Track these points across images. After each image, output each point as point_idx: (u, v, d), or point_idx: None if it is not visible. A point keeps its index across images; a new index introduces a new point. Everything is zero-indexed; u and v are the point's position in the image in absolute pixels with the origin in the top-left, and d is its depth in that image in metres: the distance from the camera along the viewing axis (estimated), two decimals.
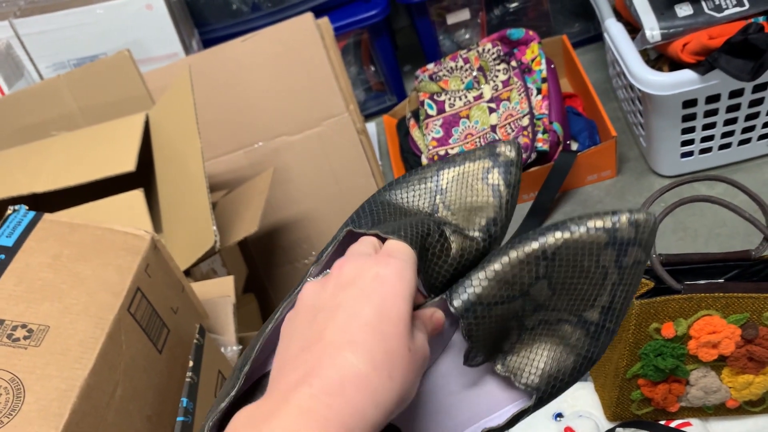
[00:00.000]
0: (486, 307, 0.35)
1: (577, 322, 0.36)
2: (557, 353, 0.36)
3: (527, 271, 0.35)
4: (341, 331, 0.30)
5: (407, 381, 0.31)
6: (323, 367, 0.29)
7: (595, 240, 0.34)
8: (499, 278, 0.35)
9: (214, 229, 0.71)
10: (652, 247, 0.36)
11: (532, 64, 1.17)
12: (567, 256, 0.35)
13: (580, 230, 0.34)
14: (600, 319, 0.36)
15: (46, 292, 0.50)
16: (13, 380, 0.44)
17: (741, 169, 1.12)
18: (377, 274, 0.32)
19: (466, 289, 0.35)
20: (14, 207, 0.56)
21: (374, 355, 0.30)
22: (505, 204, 0.39)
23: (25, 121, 0.93)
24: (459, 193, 0.40)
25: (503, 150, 0.40)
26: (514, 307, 0.36)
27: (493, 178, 0.39)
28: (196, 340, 0.59)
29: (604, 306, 0.36)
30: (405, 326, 0.31)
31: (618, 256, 0.35)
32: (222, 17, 1.28)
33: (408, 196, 0.40)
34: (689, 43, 0.95)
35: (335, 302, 0.32)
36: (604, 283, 0.35)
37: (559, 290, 0.36)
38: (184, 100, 0.80)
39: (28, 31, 1.13)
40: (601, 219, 0.35)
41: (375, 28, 1.33)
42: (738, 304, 0.64)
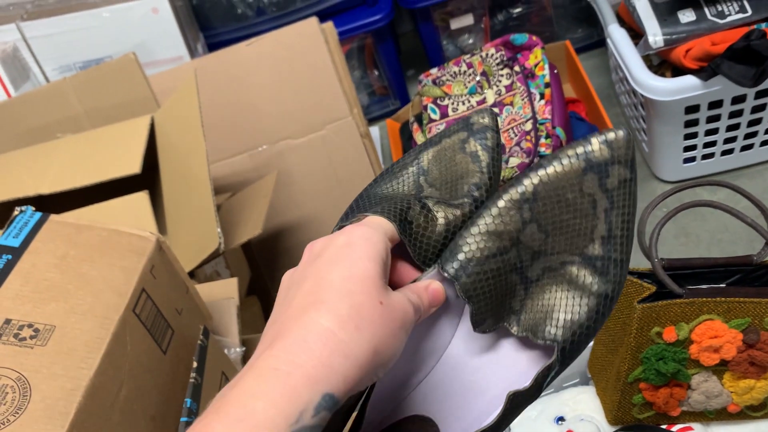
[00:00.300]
0: (477, 263, 0.34)
1: (581, 261, 0.34)
2: (570, 298, 0.34)
3: (511, 217, 0.34)
4: (307, 295, 0.30)
5: (379, 332, 0.30)
6: (287, 330, 0.29)
7: (572, 169, 0.33)
8: (484, 231, 0.34)
9: (218, 231, 0.71)
10: (634, 160, 0.34)
11: (535, 69, 1.18)
12: (548, 193, 0.34)
13: (554, 164, 0.34)
14: (604, 251, 0.34)
15: (53, 293, 0.50)
16: (19, 379, 0.45)
17: (743, 175, 1.12)
18: (344, 242, 0.32)
19: (453, 250, 0.34)
20: (21, 208, 0.56)
21: (339, 310, 0.29)
22: (485, 167, 0.38)
23: (31, 123, 0.94)
24: (440, 169, 0.39)
25: (476, 119, 0.39)
26: (510, 258, 0.34)
27: (470, 146, 0.39)
28: (200, 341, 0.59)
29: (603, 236, 0.34)
30: (372, 283, 0.30)
31: (600, 178, 0.33)
32: (227, 21, 1.29)
33: (393, 183, 0.40)
34: (692, 49, 0.96)
35: (304, 275, 0.32)
36: (595, 212, 0.34)
37: (551, 231, 0.34)
38: (190, 103, 0.80)
39: (35, 34, 1.14)
40: (572, 148, 0.34)
41: (379, 33, 1.34)
42: (739, 308, 0.64)
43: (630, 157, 0.34)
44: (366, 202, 0.39)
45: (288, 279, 0.34)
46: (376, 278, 0.31)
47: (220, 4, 1.26)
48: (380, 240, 0.33)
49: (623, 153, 0.34)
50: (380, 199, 0.38)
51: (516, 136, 1.13)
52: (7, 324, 0.47)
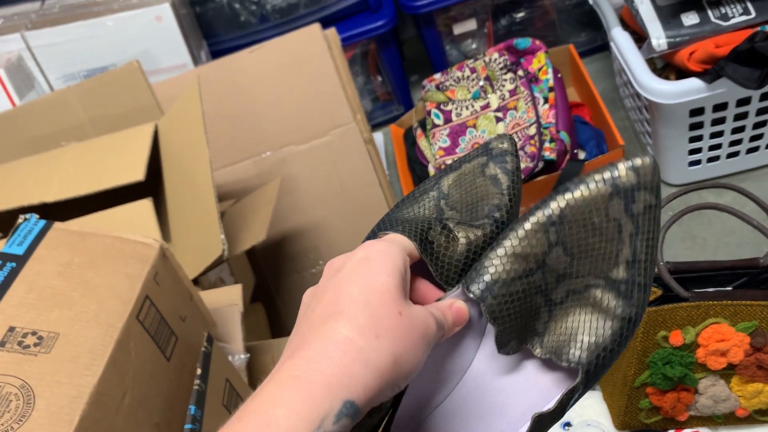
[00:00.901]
0: (503, 286, 0.34)
1: (606, 285, 0.35)
2: (593, 321, 0.35)
3: (537, 240, 0.34)
4: (327, 307, 0.31)
5: (400, 341, 0.30)
6: (309, 340, 0.29)
7: (599, 194, 0.34)
8: (510, 253, 0.34)
9: (222, 238, 0.71)
10: (659, 188, 0.35)
11: (538, 74, 1.18)
12: (575, 217, 0.34)
13: (581, 188, 0.34)
14: (628, 276, 0.35)
15: (57, 300, 0.50)
16: (23, 387, 0.45)
17: (749, 178, 1.11)
18: (363, 256, 0.33)
19: (479, 271, 0.35)
20: (25, 216, 0.56)
21: (358, 319, 0.30)
22: (506, 189, 0.38)
23: (36, 131, 0.94)
24: (460, 193, 0.40)
25: (496, 144, 0.40)
26: (535, 280, 0.35)
27: (490, 170, 0.39)
28: (204, 348, 0.59)
29: (628, 260, 0.35)
30: (391, 296, 0.31)
31: (626, 204, 0.34)
32: (230, 29, 1.29)
33: (414, 208, 0.41)
34: (696, 51, 0.95)
35: (324, 289, 0.32)
36: (621, 237, 0.34)
37: (577, 254, 0.35)
38: (193, 110, 0.81)
39: (39, 43, 1.14)
40: (600, 173, 0.34)
41: (382, 39, 1.34)
42: (746, 311, 0.63)
43: (656, 184, 0.35)
44: (387, 224, 0.39)
45: (309, 295, 0.34)
46: (394, 291, 0.31)
47: (223, 11, 1.27)
48: (398, 255, 0.33)
49: (649, 179, 0.34)
50: (401, 221, 0.39)
51: (520, 140, 1.13)
52: (11, 332, 0.47)
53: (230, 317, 0.70)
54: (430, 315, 0.33)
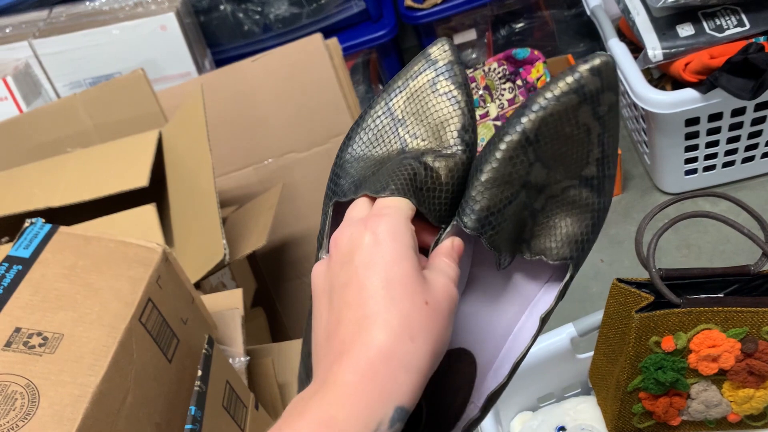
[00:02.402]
0: (498, 214, 0.35)
1: (580, 183, 0.36)
2: (574, 218, 0.37)
3: (519, 163, 0.35)
4: (354, 309, 0.31)
5: (432, 335, 0.31)
6: (349, 348, 0.30)
7: (568, 104, 0.34)
8: (497, 182, 0.35)
9: (224, 243, 0.72)
10: (618, 82, 0.35)
11: (537, 83, 1.19)
12: (549, 132, 0.34)
13: (551, 102, 0.34)
14: (598, 171, 0.36)
15: (61, 302, 0.52)
16: (28, 386, 0.46)
17: (745, 187, 1.12)
18: (372, 241, 0.32)
19: (472, 206, 0.35)
20: (31, 220, 0.58)
21: (390, 323, 0.30)
22: (465, 106, 0.38)
23: (42, 137, 0.96)
24: (417, 117, 0.39)
25: (437, 54, 0.39)
26: (521, 199, 0.36)
27: (441, 86, 0.38)
28: (205, 350, 0.60)
29: (598, 158, 0.36)
30: (413, 283, 0.31)
31: (593, 108, 0.35)
32: (234, 38, 1.31)
33: (371, 141, 0.39)
34: (691, 62, 0.97)
35: (341, 281, 0.32)
36: (590, 139, 0.35)
37: (552, 165, 0.36)
38: (197, 118, 0.82)
39: (47, 51, 1.16)
40: (564, 81, 0.34)
41: (383, 48, 1.36)
42: (737, 318, 0.64)
43: (615, 81, 0.35)
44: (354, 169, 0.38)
45: (323, 278, 0.35)
46: (414, 275, 0.32)
47: (227, 21, 1.29)
48: (406, 230, 0.33)
49: (610, 79, 0.35)
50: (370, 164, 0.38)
51: None
52: (17, 332, 0.49)
53: (231, 320, 0.71)
54: (449, 280, 0.33)
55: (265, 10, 1.28)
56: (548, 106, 0.34)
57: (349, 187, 0.38)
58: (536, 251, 0.37)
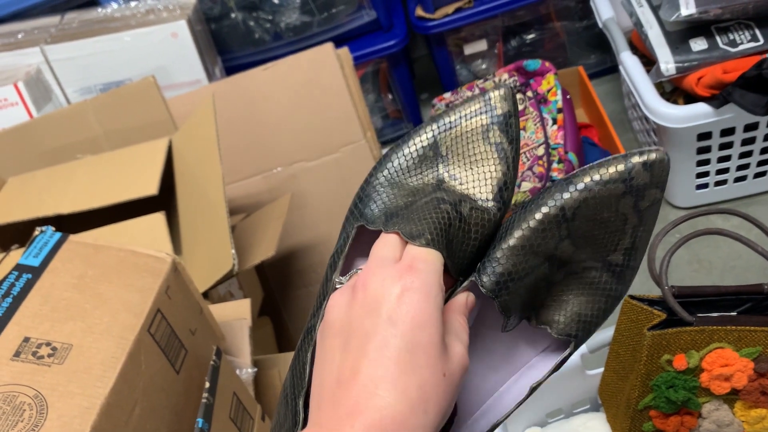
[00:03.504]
0: (517, 281, 0.34)
1: (603, 267, 0.36)
2: (587, 298, 0.36)
3: (550, 236, 0.34)
4: (374, 366, 0.30)
5: (443, 408, 0.31)
6: (362, 408, 0.30)
7: (613, 192, 0.34)
8: (524, 251, 0.34)
9: (232, 252, 0.72)
10: (666, 182, 0.35)
11: (547, 95, 1.19)
12: (587, 213, 0.34)
13: (597, 186, 0.34)
14: (624, 260, 0.36)
15: (71, 312, 0.51)
16: (36, 397, 0.46)
17: (757, 202, 1.12)
18: (402, 294, 0.31)
19: (494, 268, 0.34)
20: (41, 228, 0.58)
21: (408, 392, 0.30)
22: (511, 163, 0.37)
23: (52, 143, 0.96)
24: (462, 159, 0.38)
25: (498, 101, 0.37)
26: (542, 270, 0.35)
27: (494, 136, 0.37)
28: (213, 361, 0.60)
29: (627, 248, 0.36)
30: (436, 351, 0.31)
31: (636, 201, 0.34)
32: (244, 46, 1.31)
33: (408, 169, 0.38)
34: (704, 76, 0.96)
35: (363, 328, 0.32)
36: (624, 228, 0.35)
37: (581, 244, 0.35)
38: (207, 126, 0.82)
39: (58, 57, 1.17)
40: (615, 168, 0.34)
41: (393, 58, 1.36)
42: (750, 337, 0.64)
43: (665, 179, 0.35)
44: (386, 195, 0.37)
45: (341, 315, 0.33)
46: (438, 343, 0.31)
47: (238, 29, 1.29)
48: (438, 292, 0.32)
49: (660, 178, 0.35)
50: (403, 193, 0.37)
51: (528, 160, 1.14)
52: (26, 342, 0.49)
53: (238, 331, 0.71)
54: (464, 348, 0.33)
55: (276, 18, 1.28)
56: (593, 188, 0.34)
57: (378, 216, 0.37)
58: (542, 321, 0.36)
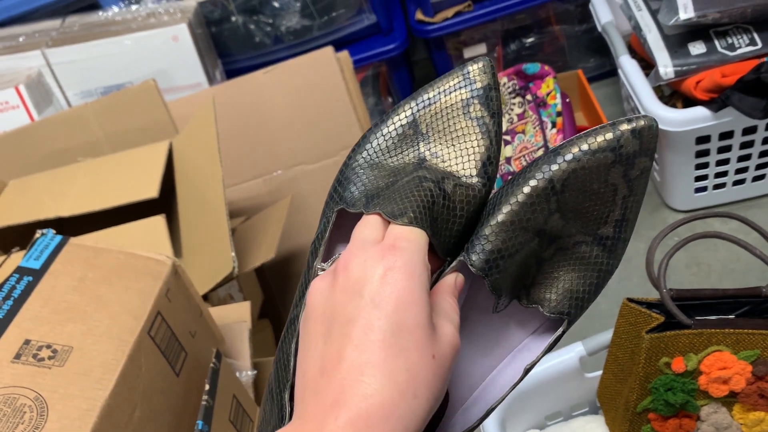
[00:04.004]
0: (507, 258, 0.33)
1: (593, 241, 0.35)
2: (579, 274, 0.35)
3: (539, 210, 0.33)
4: (358, 351, 0.29)
5: (434, 391, 0.30)
6: (347, 396, 0.28)
7: (602, 162, 0.33)
8: (513, 226, 0.33)
9: (232, 255, 0.72)
10: (655, 149, 0.34)
11: (547, 98, 1.19)
12: (576, 185, 0.33)
13: (585, 156, 0.33)
14: (614, 233, 0.35)
15: (71, 314, 0.52)
16: (37, 399, 0.46)
17: (756, 205, 1.12)
18: (385, 274, 0.30)
19: (483, 246, 0.33)
20: (42, 231, 0.58)
21: (395, 375, 0.29)
22: (494, 137, 0.36)
23: (53, 146, 0.96)
24: (443, 136, 0.36)
25: (477, 73, 0.36)
26: (532, 246, 0.34)
27: (475, 110, 0.36)
28: (213, 364, 0.60)
29: (617, 219, 0.35)
30: (423, 332, 0.30)
31: (626, 170, 0.34)
32: (245, 49, 1.31)
33: (388, 149, 0.37)
34: (702, 80, 0.97)
35: (346, 313, 0.30)
36: (614, 199, 0.34)
37: (571, 218, 0.34)
38: (207, 129, 0.82)
39: (59, 60, 1.17)
40: (603, 137, 0.33)
41: (393, 61, 1.36)
42: (748, 340, 0.64)
43: (654, 146, 0.34)
44: (366, 176, 0.36)
45: (323, 300, 0.32)
46: (425, 324, 0.30)
47: (239, 32, 1.29)
48: (423, 270, 0.31)
49: (649, 145, 0.34)
50: (384, 173, 0.36)
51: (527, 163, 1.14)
52: (26, 344, 0.49)
53: (238, 334, 0.71)
54: (454, 329, 0.31)
55: (276, 22, 1.28)
56: (582, 158, 0.33)
57: (359, 197, 0.35)
58: (534, 300, 0.35)
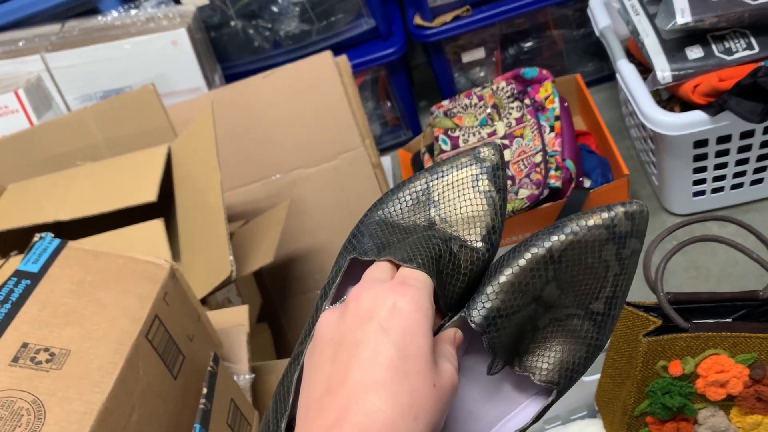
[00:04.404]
0: (505, 318, 0.36)
1: (585, 315, 0.38)
2: (570, 346, 0.38)
3: (538, 276, 0.36)
4: (365, 371, 0.30)
5: (433, 419, 0.31)
6: (351, 412, 0.29)
7: (597, 238, 0.36)
8: (513, 288, 0.36)
9: (231, 259, 0.73)
10: (645, 233, 0.38)
11: (545, 102, 1.19)
12: (572, 257, 0.36)
13: (582, 231, 0.36)
14: (605, 309, 0.38)
15: (69, 318, 0.52)
16: (34, 402, 0.46)
17: (754, 209, 1.12)
18: (394, 306, 0.32)
19: (484, 303, 0.36)
20: (41, 234, 0.58)
21: (399, 397, 0.30)
22: (499, 209, 0.40)
23: (52, 150, 0.97)
24: (453, 204, 0.41)
25: (487, 154, 0.41)
26: (529, 312, 0.37)
27: (483, 184, 0.40)
28: (210, 367, 0.60)
29: (608, 296, 0.38)
30: (426, 361, 0.31)
31: (618, 249, 0.37)
32: (244, 54, 1.32)
33: (402, 211, 0.41)
34: (700, 84, 0.97)
35: (355, 338, 0.32)
36: (606, 276, 0.37)
37: (566, 289, 0.37)
38: (206, 133, 0.83)
39: (58, 65, 1.17)
40: (599, 216, 0.36)
41: (392, 66, 1.37)
42: (745, 343, 0.64)
43: (644, 230, 0.38)
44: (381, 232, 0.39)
45: (332, 328, 0.34)
46: (429, 355, 0.32)
47: (238, 37, 1.30)
48: (429, 306, 0.33)
49: (641, 228, 0.37)
50: (396, 231, 0.40)
51: (526, 167, 1.14)
52: (24, 348, 0.49)
53: (236, 337, 0.71)
54: (453, 369, 0.33)
55: (275, 26, 1.29)
56: (579, 232, 0.36)
57: (371, 248, 0.38)
58: (526, 368, 0.38)
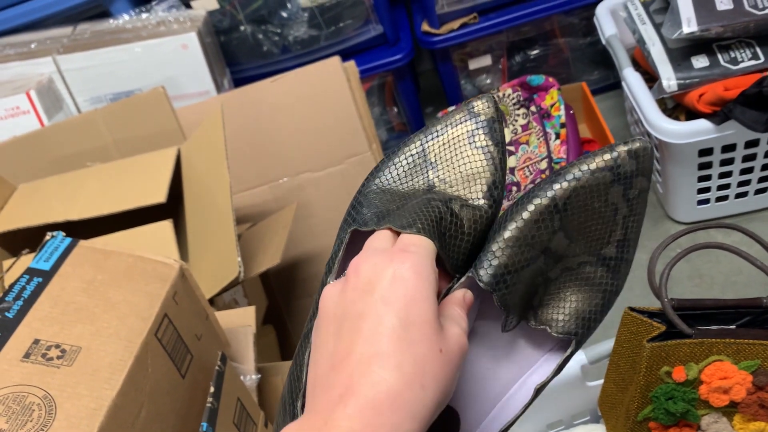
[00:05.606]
0: (514, 274, 0.35)
1: (597, 261, 0.37)
2: (585, 294, 0.37)
3: (544, 227, 0.35)
4: (368, 344, 0.30)
5: (441, 385, 0.30)
6: (356, 386, 0.29)
7: (602, 181, 0.35)
8: (519, 242, 0.35)
9: (238, 260, 0.73)
10: (651, 170, 0.36)
11: (551, 110, 1.20)
12: (578, 203, 0.35)
13: (585, 175, 0.35)
14: (617, 253, 0.37)
15: (80, 315, 0.52)
16: (45, 397, 0.47)
17: (758, 218, 1.12)
18: (394, 274, 0.31)
19: (491, 261, 0.35)
20: (52, 233, 0.59)
21: (403, 366, 0.29)
22: (499, 164, 0.38)
23: (63, 151, 0.97)
24: (450, 164, 0.39)
25: (481, 108, 0.39)
26: (539, 264, 0.36)
27: (480, 140, 0.38)
28: (218, 367, 0.61)
29: (620, 240, 0.37)
30: (431, 327, 0.31)
31: (625, 190, 0.35)
32: (253, 58, 1.33)
33: (399, 177, 0.39)
34: (705, 93, 0.97)
35: (357, 310, 0.31)
36: (615, 219, 0.36)
37: (575, 237, 0.36)
38: (215, 136, 0.83)
39: (70, 67, 1.18)
40: (602, 158, 0.35)
41: (399, 72, 1.38)
42: (749, 350, 0.64)
43: (650, 167, 0.36)
44: (379, 201, 0.38)
45: (335, 302, 0.33)
46: (433, 321, 0.31)
47: (247, 41, 1.31)
48: (431, 271, 0.32)
49: (645, 165, 0.36)
50: (395, 198, 0.38)
51: (531, 174, 1.15)
52: (35, 344, 0.50)
53: (243, 338, 0.72)
54: (461, 331, 0.32)
55: (284, 31, 1.30)
56: (582, 177, 0.35)
57: (371, 217, 0.37)
58: (542, 321, 0.37)
